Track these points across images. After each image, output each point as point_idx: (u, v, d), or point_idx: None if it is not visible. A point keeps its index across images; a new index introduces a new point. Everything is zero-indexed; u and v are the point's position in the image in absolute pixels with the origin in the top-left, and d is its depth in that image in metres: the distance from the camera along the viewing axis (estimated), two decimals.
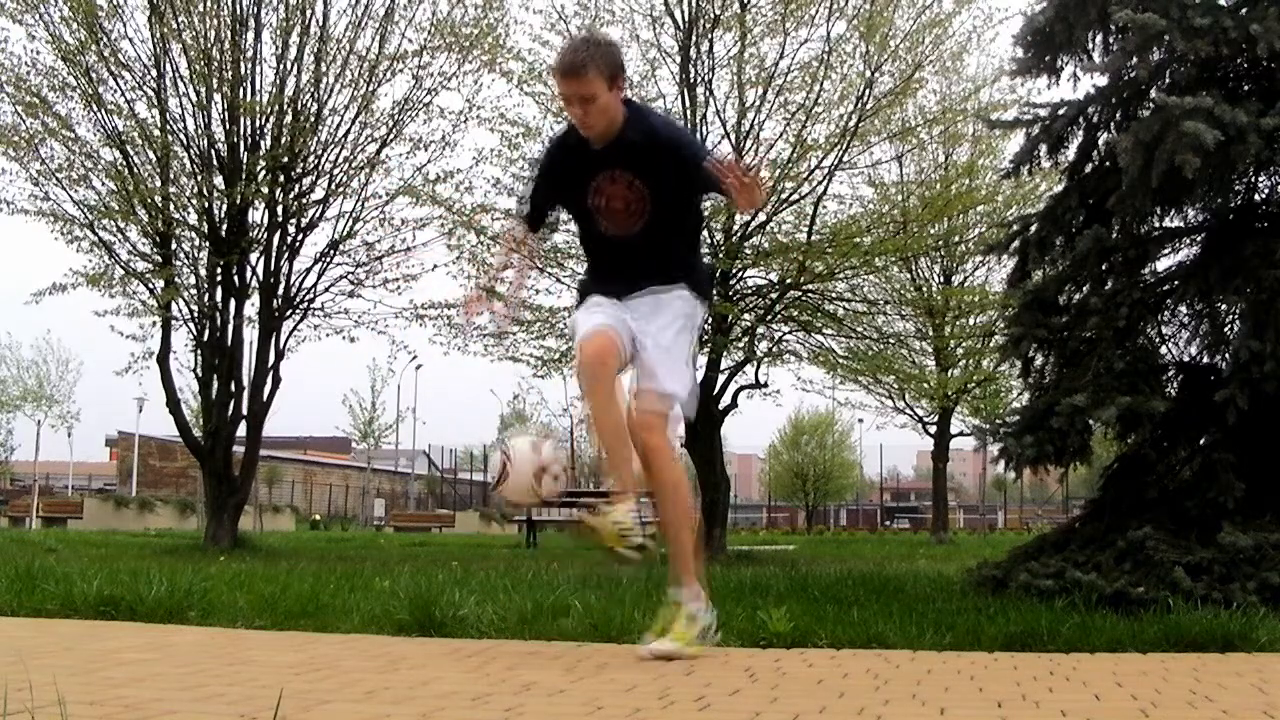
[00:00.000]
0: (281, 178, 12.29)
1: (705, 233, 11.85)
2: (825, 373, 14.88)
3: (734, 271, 11.81)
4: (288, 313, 12.62)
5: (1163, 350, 5.51)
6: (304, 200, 12.52)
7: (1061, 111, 5.44)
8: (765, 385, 12.96)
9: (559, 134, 3.91)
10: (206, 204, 12.21)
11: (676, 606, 3.43)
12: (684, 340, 3.53)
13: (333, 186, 12.52)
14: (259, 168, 12.04)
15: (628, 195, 3.49)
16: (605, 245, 3.61)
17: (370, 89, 12.34)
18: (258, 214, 12.52)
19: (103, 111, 11.94)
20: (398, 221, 12.68)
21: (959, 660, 3.50)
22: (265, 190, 12.14)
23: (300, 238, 12.63)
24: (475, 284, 3.94)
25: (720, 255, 11.74)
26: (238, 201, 12.02)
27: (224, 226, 12.21)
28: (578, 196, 3.58)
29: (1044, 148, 5.54)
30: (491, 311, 4.05)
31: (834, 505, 53.91)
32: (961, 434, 23.76)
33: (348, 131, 12.42)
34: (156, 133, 11.98)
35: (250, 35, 12.19)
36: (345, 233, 12.62)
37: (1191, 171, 4.55)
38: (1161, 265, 5.65)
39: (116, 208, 12.01)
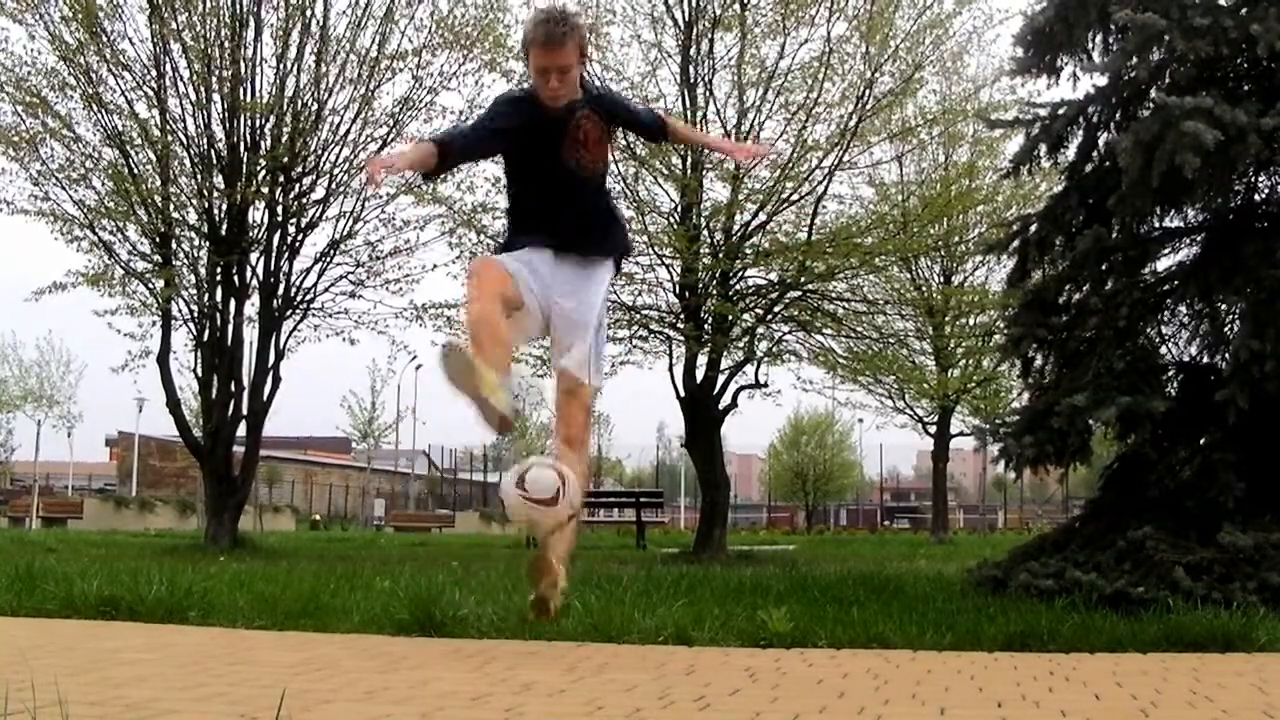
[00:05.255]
0: (281, 177, 12.27)
1: (705, 232, 11.87)
2: (825, 372, 14.87)
3: (734, 271, 11.80)
4: (288, 313, 12.61)
5: (1163, 350, 5.52)
6: (304, 200, 12.51)
7: (1061, 111, 5.44)
8: (765, 385, 12.95)
9: (516, 95, 3.94)
10: (206, 204, 12.20)
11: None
12: (601, 312, 3.80)
13: (333, 186, 12.51)
14: (259, 167, 12.03)
15: (600, 132, 3.72)
16: (564, 185, 3.68)
17: (371, 88, 12.34)
18: (258, 214, 12.51)
19: (103, 111, 11.92)
20: (399, 221, 12.68)
21: (959, 660, 3.50)
22: (265, 190, 12.13)
23: (300, 238, 12.61)
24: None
25: (720, 255, 11.73)
26: (238, 201, 12.01)
27: (224, 226, 12.19)
28: (548, 145, 3.64)
29: (1044, 148, 5.54)
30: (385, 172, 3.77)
31: (834, 505, 53.82)
32: (961, 434, 23.70)
33: (348, 131, 12.41)
34: (156, 133, 11.97)
35: (250, 35, 12.17)
36: (346, 232, 12.61)
37: (1191, 171, 4.55)
38: (1161, 265, 5.66)
39: (116, 208, 12.00)
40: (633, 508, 18.62)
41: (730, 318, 11.85)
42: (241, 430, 12.68)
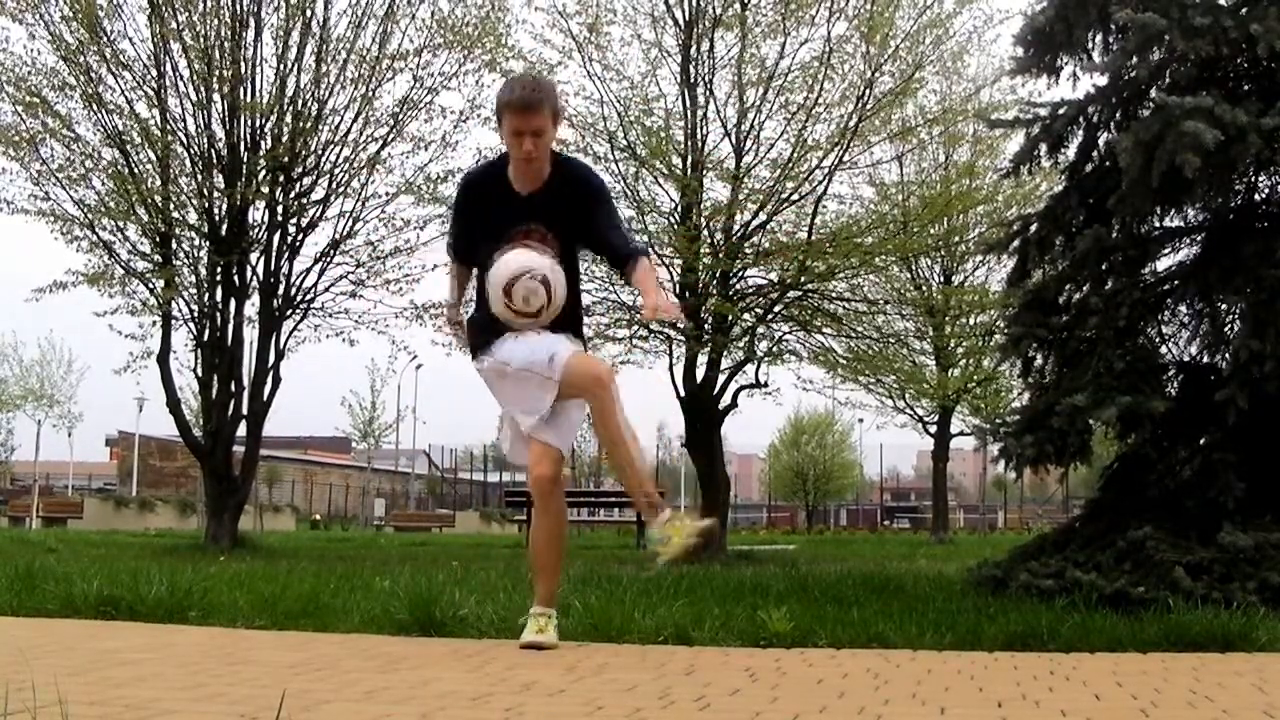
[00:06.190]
0: (282, 177, 12.27)
1: (705, 232, 11.87)
2: (825, 372, 14.88)
3: (734, 271, 11.80)
4: (288, 312, 12.61)
5: (1163, 350, 5.52)
6: (304, 200, 12.51)
7: (1061, 111, 5.43)
8: (765, 385, 12.94)
9: (474, 177, 3.97)
10: (206, 204, 12.19)
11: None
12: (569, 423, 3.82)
13: (333, 186, 12.51)
14: (259, 167, 12.03)
15: (542, 242, 3.70)
16: None
17: (371, 88, 12.34)
18: (258, 214, 12.51)
19: (103, 111, 11.92)
20: (399, 222, 12.68)
21: (959, 660, 3.50)
22: (265, 190, 12.13)
23: (300, 238, 12.61)
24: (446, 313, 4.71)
25: (720, 255, 11.73)
26: (238, 201, 12.01)
27: (224, 226, 12.20)
28: (492, 239, 3.73)
29: (1044, 147, 5.53)
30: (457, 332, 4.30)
31: (834, 505, 53.87)
32: (962, 434, 23.72)
33: (348, 131, 12.41)
34: (156, 132, 11.97)
35: (250, 35, 12.18)
36: (346, 232, 12.61)
37: (1191, 171, 4.55)
38: (1161, 265, 5.66)
39: (116, 207, 12.00)
40: (633, 507, 18.61)
41: (730, 317, 11.84)
42: (241, 430, 12.68)
